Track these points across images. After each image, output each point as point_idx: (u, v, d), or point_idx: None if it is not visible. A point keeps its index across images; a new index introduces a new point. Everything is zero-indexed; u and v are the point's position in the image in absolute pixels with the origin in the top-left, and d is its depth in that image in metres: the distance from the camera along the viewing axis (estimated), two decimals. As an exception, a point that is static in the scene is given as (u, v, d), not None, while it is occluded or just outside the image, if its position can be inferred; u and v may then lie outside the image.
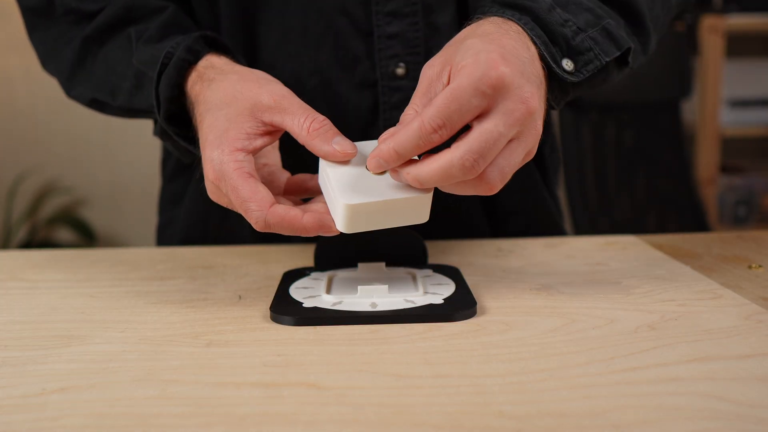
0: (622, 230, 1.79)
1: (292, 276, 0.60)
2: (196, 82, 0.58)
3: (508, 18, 0.54)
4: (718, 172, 2.19)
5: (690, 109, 2.12)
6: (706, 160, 2.14)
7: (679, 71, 1.88)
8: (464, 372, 0.42)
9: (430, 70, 0.50)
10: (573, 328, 0.48)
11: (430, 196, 0.50)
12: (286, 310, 0.51)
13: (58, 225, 2.26)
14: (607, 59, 0.56)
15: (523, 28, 0.53)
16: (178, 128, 0.60)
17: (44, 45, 0.70)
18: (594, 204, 1.87)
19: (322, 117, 0.52)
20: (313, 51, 0.68)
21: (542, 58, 0.53)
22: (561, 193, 0.90)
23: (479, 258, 0.67)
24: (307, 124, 0.51)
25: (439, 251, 0.69)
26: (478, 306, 0.52)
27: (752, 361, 0.42)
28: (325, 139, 0.51)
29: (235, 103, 0.53)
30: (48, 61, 0.71)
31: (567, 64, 0.55)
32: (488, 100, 0.46)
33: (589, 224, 1.83)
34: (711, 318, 0.50)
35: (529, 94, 0.47)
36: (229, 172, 0.50)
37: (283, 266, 0.65)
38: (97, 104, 0.69)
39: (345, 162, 0.51)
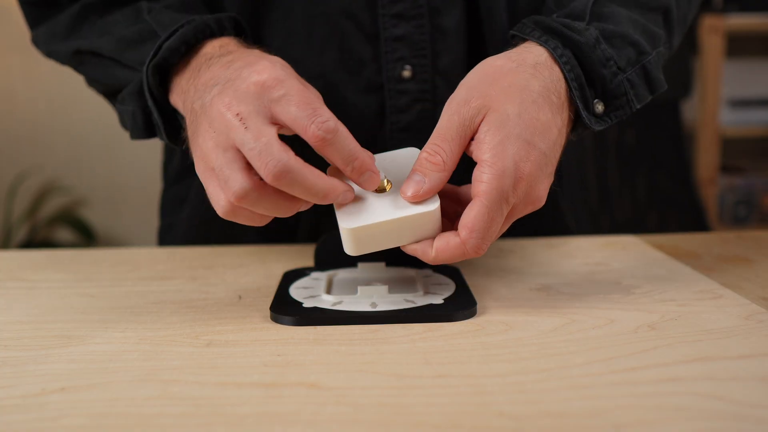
0: (622, 230, 1.79)
1: (292, 276, 0.60)
2: (216, 47, 0.56)
3: (546, 47, 0.53)
4: (718, 172, 2.19)
5: (690, 109, 2.12)
6: (706, 160, 2.14)
7: (679, 71, 1.88)
8: (464, 372, 0.42)
9: (464, 108, 0.49)
10: (573, 328, 0.48)
11: (436, 211, 0.48)
12: (286, 310, 0.51)
13: (58, 225, 2.26)
14: (638, 106, 0.56)
15: (561, 68, 0.53)
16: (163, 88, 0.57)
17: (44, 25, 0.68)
18: (595, 204, 1.87)
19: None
20: (318, 55, 0.67)
21: (572, 101, 0.53)
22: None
23: (479, 258, 0.67)
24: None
25: (439, 251, 0.69)
26: (478, 306, 0.52)
27: (752, 361, 0.42)
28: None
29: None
30: (40, 34, 0.68)
31: (598, 106, 0.54)
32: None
33: (590, 224, 1.83)
34: (711, 318, 0.50)
35: (542, 192, 0.50)
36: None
37: (283, 266, 0.65)
38: (77, 57, 0.65)
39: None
